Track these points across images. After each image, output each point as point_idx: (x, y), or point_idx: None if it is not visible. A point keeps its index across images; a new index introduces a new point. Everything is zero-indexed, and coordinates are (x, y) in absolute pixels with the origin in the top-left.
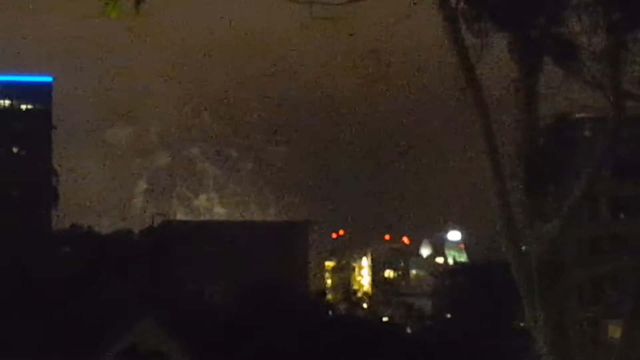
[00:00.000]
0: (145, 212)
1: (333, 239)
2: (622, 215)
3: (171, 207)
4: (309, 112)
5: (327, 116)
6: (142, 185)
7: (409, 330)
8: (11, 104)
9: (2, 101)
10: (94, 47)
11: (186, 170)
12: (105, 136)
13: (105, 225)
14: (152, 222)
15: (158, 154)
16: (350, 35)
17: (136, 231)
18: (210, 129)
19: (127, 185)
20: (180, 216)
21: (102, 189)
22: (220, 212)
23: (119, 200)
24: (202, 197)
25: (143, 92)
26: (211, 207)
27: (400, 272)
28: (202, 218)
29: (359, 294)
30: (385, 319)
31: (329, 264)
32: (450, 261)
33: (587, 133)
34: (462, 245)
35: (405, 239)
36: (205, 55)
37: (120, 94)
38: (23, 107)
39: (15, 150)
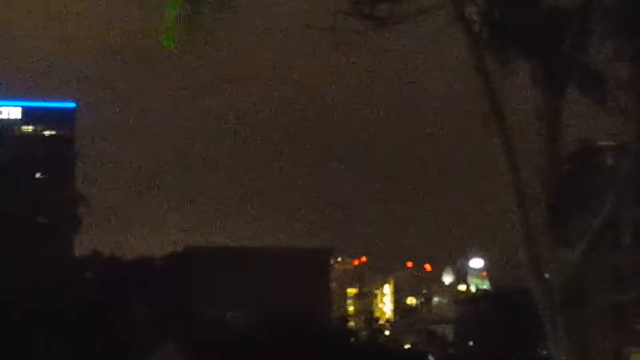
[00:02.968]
0: (166, 237)
1: (355, 265)
2: None
3: (190, 231)
4: (330, 138)
5: (349, 142)
6: (159, 207)
7: (431, 358)
8: (35, 130)
9: (26, 127)
10: (116, 74)
11: (205, 194)
12: (123, 159)
13: (126, 250)
14: (174, 247)
15: (175, 176)
16: (374, 61)
17: (158, 256)
18: (231, 152)
19: (144, 208)
20: (199, 240)
21: (120, 211)
22: (239, 237)
23: (139, 224)
24: (221, 221)
25: (162, 117)
26: (230, 231)
27: (422, 299)
28: (221, 243)
29: (381, 321)
30: (407, 345)
31: (351, 290)
32: (473, 288)
33: (610, 160)
34: (485, 273)
35: (427, 266)
36: (226, 79)
37: (138, 118)
38: (47, 133)
39: (38, 176)
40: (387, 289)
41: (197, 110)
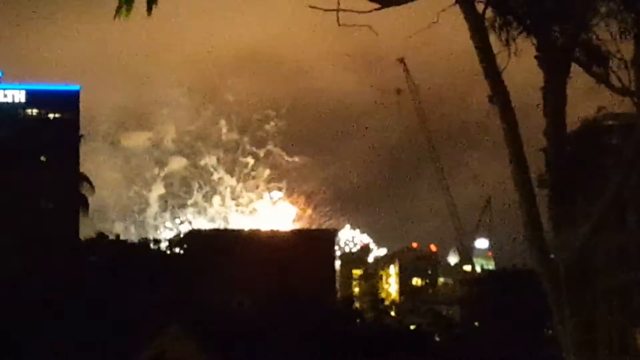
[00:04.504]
0: (163, 218)
1: (361, 246)
2: None
3: (191, 214)
4: (330, 121)
5: (349, 123)
6: (160, 191)
7: (436, 338)
8: (39, 113)
9: (30, 110)
10: (117, 58)
11: (203, 178)
12: (125, 143)
13: (126, 232)
14: (179, 231)
15: (176, 161)
16: (375, 43)
17: (163, 239)
18: (227, 137)
19: (145, 192)
20: (199, 224)
21: (121, 195)
22: (237, 220)
23: (138, 206)
24: (219, 204)
25: (162, 100)
26: (228, 215)
27: (427, 280)
28: (219, 226)
29: (387, 302)
30: (412, 326)
31: (357, 271)
32: (478, 269)
33: (615, 140)
34: (490, 253)
35: (433, 247)
36: (223, 63)
37: (140, 103)
38: (51, 116)
39: (43, 158)
40: (393, 269)
41: (200, 92)
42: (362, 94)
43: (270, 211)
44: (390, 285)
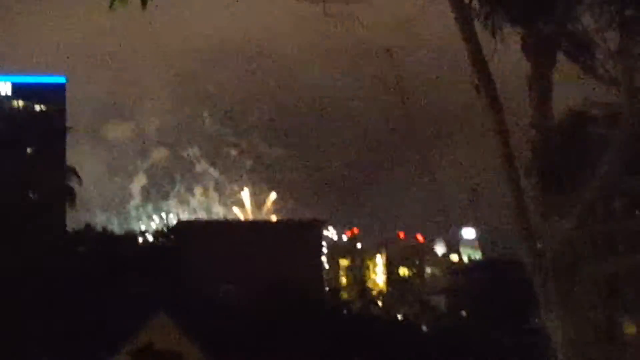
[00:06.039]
0: (145, 209)
1: (347, 237)
2: (637, 212)
3: (174, 206)
4: (318, 110)
5: (336, 113)
6: (143, 183)
7: (424, 328)
8: (25, 105)
9: (16, 102)
10: (99, 48)
11: (186, 169)
12: (108, 135)
13: (108, 223)
14: (163, 222)
15: (158, 152)
16: (361, 32)
17: (150, 230)
18: (210, 128)
19: (127, 184)
20: (182, 215)
21: (104, 187)
22: (220, 211)
23: (120, 198)
24: (201, 195)
25: (145, 92)
26: (211, 205)
27: (414, 270)
28: (201, 217)
29: (374, 292)
30: (400, 316)
31: (343, 262)
32: (465, 259)
33: (601, 129)
34: (477, 243)
35: (420, 237)
36: (206, 55)
37: (122, 94)
38: (37, 107)
39: (29, 151)
40: (380, 259)
41: (183, 84)
42: (347, 85)
43: (253, 202)
44: (377, 275)
